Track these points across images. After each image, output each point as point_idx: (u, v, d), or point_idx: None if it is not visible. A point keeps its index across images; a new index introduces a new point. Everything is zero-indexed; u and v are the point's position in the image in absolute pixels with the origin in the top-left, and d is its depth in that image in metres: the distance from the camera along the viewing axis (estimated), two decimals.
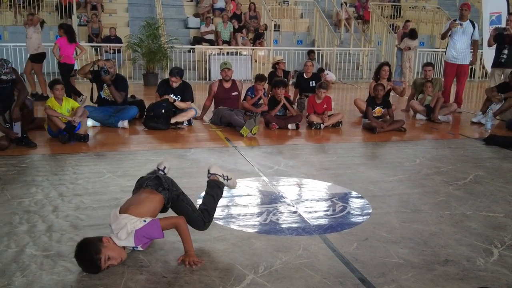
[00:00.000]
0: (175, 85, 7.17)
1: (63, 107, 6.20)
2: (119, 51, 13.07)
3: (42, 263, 2.88)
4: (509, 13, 10.69)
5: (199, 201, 3.76)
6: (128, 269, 2.82)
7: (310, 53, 12.98)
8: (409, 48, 13.18)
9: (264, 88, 7.90)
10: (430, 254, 3.12)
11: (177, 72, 7.24)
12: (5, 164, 4.93)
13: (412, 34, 13.31)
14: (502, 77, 8.70)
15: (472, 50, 9.06)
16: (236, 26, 14.65)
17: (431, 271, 2.91)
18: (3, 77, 5.41)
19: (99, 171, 4.77)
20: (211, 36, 14.52)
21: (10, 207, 3.77)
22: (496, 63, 8.87)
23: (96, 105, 7.22)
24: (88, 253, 2.69)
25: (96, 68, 7.11)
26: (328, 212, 3.86)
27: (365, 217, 3.75)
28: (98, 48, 12.92)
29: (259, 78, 7.79)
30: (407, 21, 14.56)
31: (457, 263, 3.01)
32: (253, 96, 7.73)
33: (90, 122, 6.89)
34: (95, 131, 6.69)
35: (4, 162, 5.02)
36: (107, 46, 12.93)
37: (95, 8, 14.49)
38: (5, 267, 2.81)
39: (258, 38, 14.74)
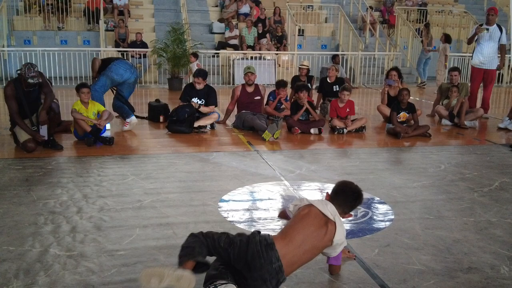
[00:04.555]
0: (198, 86, 7.21)
1: (89, 111, 6.30)
2: (144, 56, 13.23)
3: (66, 263, 2.93)
4: None
5: (220, 204, 3.81)
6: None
7: (335, 57, 12.91)
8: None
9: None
10: (453, 261, 3.07)
11: (199, 73, 7.31)
12: (31, 166, 5.04)
13: (448, 39, 13.17)
14: None
15: (499, 55, 8.91)
16: (261, 31, 14.69)
17: (454, 278, 2.86)
18: (30, 80, 5.51)
19: (123, 173, 4.84)
20: (235, 41, 14.60)
21: (35, 207, 3.85)
22: None
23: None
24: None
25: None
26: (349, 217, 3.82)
27: (387, 223, 3.71)
28: (125, 53, 13.12)
29: (280, 84, 7.80)
30: (427, 24, 14.41)
31: (480, 271, 2.95)
32: (274, 100, 7.74)
33: (128, 126, 7.04)
34: (120, 135, 6.78)
35: (31, 164, 5.13)
36: (133, 51, 13.10)
37: (122, 13, 14.71)
38: (30, 267, 2.87)
39: (280, 42, 14.75)
